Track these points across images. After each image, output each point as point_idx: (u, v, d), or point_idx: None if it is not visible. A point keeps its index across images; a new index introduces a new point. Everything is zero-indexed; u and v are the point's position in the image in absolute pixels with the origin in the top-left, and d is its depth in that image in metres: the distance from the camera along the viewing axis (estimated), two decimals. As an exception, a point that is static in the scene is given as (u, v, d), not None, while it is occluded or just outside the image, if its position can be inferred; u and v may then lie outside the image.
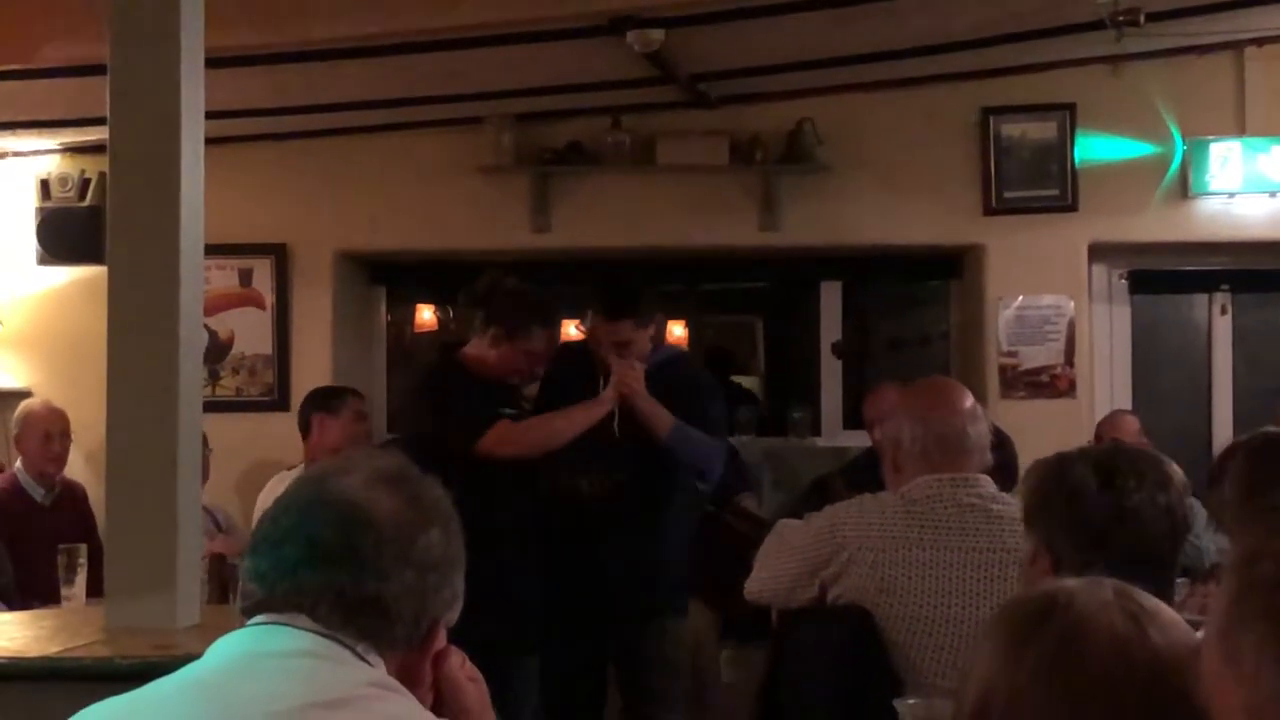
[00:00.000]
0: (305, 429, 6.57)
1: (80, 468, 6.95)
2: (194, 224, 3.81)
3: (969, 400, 3.88)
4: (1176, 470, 2.88)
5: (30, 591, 5.54)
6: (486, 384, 5.24)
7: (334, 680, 1.89)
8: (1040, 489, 2.83)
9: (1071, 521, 2.75)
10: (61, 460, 6.67)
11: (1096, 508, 2.75)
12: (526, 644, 5.18)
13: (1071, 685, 1.62)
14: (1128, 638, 1.64)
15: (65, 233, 7.35)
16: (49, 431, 6.61)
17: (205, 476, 6.09)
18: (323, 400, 6.66)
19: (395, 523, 2.00)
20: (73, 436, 6.72)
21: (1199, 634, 1.66)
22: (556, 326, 5.61)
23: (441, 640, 2.07)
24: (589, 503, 5.39)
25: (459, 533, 2.10)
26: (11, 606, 4.94)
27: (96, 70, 4.21)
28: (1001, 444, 5.17)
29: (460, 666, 2.11)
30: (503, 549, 4.89)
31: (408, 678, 1.99)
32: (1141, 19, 5.83)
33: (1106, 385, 7.51)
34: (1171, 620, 1.69)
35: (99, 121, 4.05)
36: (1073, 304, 7.26)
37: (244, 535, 6.33)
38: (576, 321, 7.74)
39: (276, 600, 1.98)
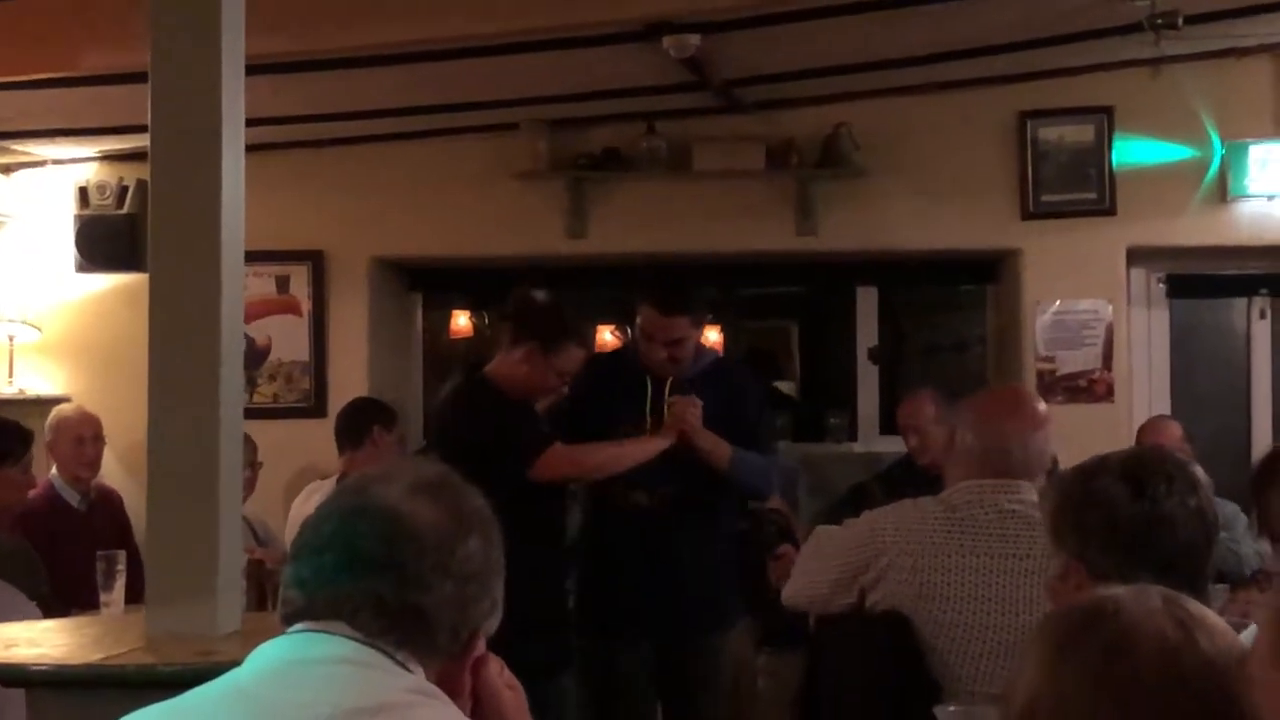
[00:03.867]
0: (359, 438, 6.58)
1: (116, 473, 6.98)
2: (235, 231, 3.82)
3: (1032, 413, 3.83)
4: (1201, 472, 2.86)
5: (68, 597, 5.55)
6: (516, 403, 5.14)
7: (374, 687, 1.90)
8: (1067, 504, 2.79)
9: (1106, 534, 2.71)
10: (95, 464, 6.71)
11: (1130, 518, 2.72)
12: (563, 662, 5.17)
13: (1120, 693, 1.61)
14: (1177, 645, 1.63)
15: (103, 240, 7.38)
16: (81, 435, 6.65)
17: (251, 490, 6.12)
18: (382, 413, 6.71)
19: (436, 533, 2.00)
20: (106, 441, 6.75)
21: (1244, 637, 1.65)
22: (590, 344, 5.50)
23: (480, 648, 2.07)
24: (646, 515, 5.34)
25: (499, 541, 2.10)
26: (50, 613, 4.96)
27: (135, 78, 4.23)
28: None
29: (499, 674, 2.11)
30: (541, 569, 4.93)
31: (447, 686, 2.00)
32: (1180, 22, 5.80)
33: (1145, 390, 7.48)
34: (1220, 627, 1.68)
35: (137, 129, 4.06)
36: (1111, 308, 7.23)
37: (281, 544, 6.35)
38: (612, 327, 7.77)
39: (317, 608, 1.98)
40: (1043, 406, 3.93)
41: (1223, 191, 7.12)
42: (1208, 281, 7.64)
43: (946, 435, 3.95)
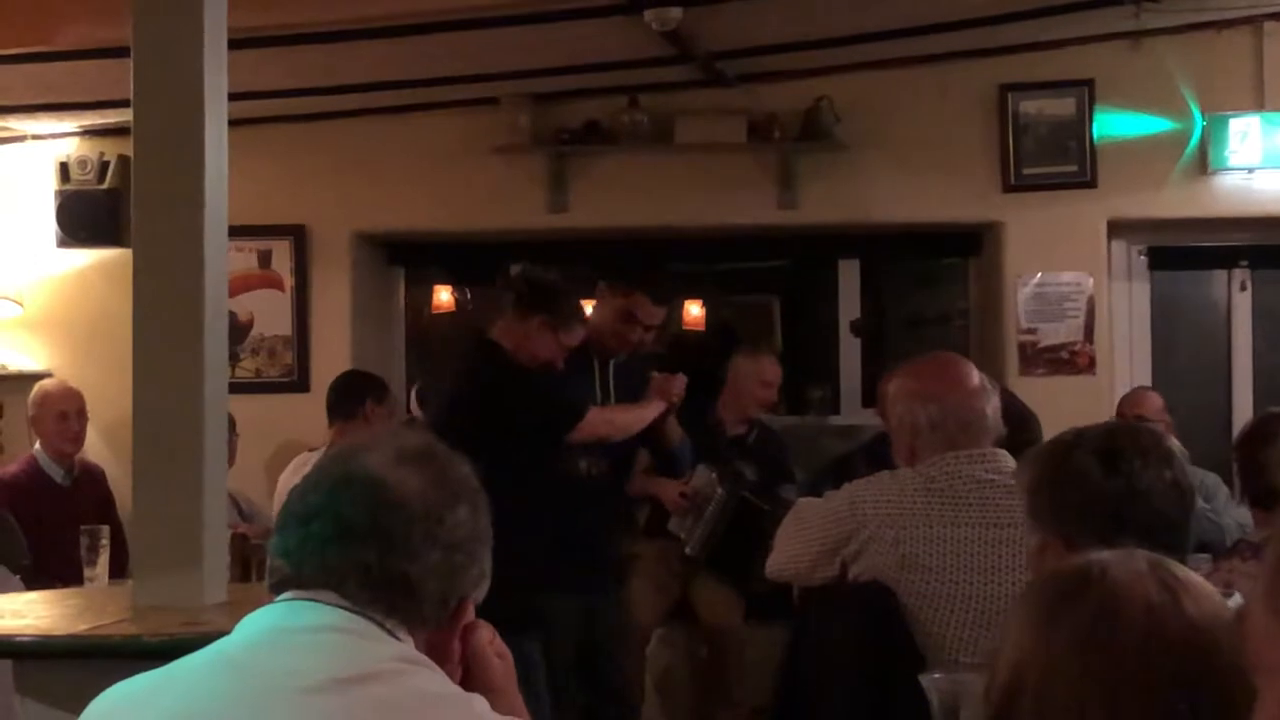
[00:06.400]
0: (351, 410, 6.57)
1: (100, 448, 6.98)
2: (218, 205, 3.82)
3: (977, 376, 3.87)
4: (1175, 443, 2.88)
5: (52, 572, 5.56)
6: (542, 370, 5.41)
7: (362, 655, 1.90)
8: (1041, 481, 2.80)
9: (1082, 510, 2.71)
10: (79, 439, 6.70)
11: (1106, 493, 2.72)
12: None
13: (1106, 657, 1.61)
14: (1162, 609, 1.64)
15: (85, 215, 7.36)
16: (65, 411, 6.65)
17: (231, 461, 6.12)
18: (375, 387, 6.71)
19: (423, 501, 2.00)
20: (89, 416, 6.75)
21: (1232, 603, 1.66)
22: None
23: (470, 616, 2.07)
24: (585, 481, 5.63)
25: (486, 509, 2.10)
26: (33, 588, 4.96)
27: (116, 52, 4.22)
28: (1025, 423, 5.15)
29: (489, 642, 2.11)
30: (537, 530, 5.16)
31: (436, 654, 2.00)
32: (1160, -6, 5.82)
33: (1126, 362, 7.50)
34: (1206, 591, 1.69)
35: (118, 104, 4.06)
36: (1092, 281, 7.25)
37: (266, 518, 6.36)
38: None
39: (304, 577, 1.98)
40: (973, 368, 3.94)
41: (1203, 164, 7.13)
42: (1188, 254, 7.67)
43: (906, 421, 3.92)
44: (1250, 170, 7.12)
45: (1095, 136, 7.17)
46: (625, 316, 5.68)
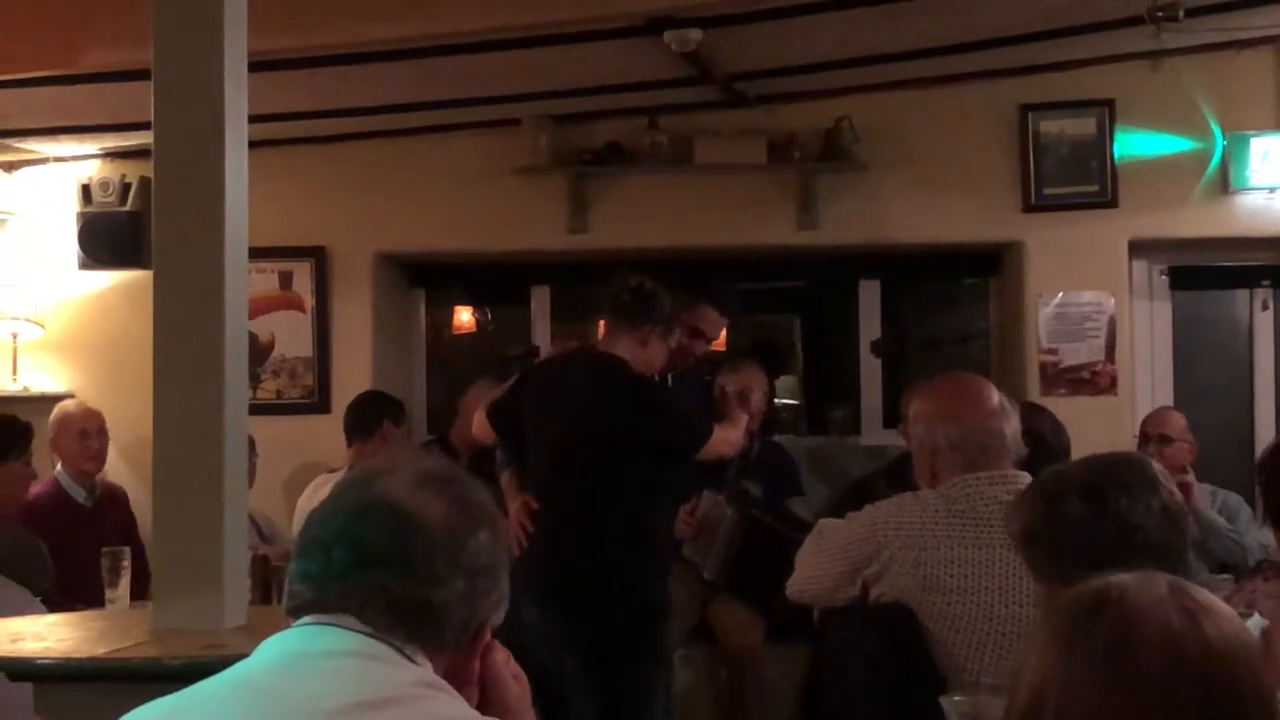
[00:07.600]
0: (369, 430, 6.59)
1: (121, 469, 6.99)
2: (238, 227, 3.82)
3: (996, 396, 3.87)
4: (1155, 465, 2.89)
5: (73, 593, 5.56)
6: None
7: (382, 680, 1.90)
8: (1035, 534, 2.80)
9: (1080, 556, 2.70)
10: (100, 458, 6.72)
11: (1101, 538, 2.72)
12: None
13: (1126, 680, 1.61)
14: (1182, 632, 1.63)
15: (106, 237, 7.36)
16: (85, 429, 6.67)
17: (251, 482, 6.14)
18: (393, 407, 6.73)
19: (446, 527, 2.00)
20: (111, 437, 6.76)
21: (1252, 623, 1.66)
22: None
23: (487, 639, 2.07)
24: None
25: (504, 533, 2.10)
26: (55, 609, 4.97)
27: (137, 75, 4.24)
28: (1044, 446, 5.14)
29: (505, 664, 2.11)
30: (668, 556, 5.29)
31: (454, 678, 2.00)
32: (1180, 14, 5.80)
33: (1148, 382, 7.48)
34: (1226, 614, 1.68)
35: (139, 126, 4.08)
36: (1113, 300, 7.23)
37: (286, 540, 6.37)
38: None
39: (325, 602, 1.99)
40: (992, 388, 3.93)
41: (1224, 183, 7.12)
42: (1210, 273, 7.64)
43: (926, 442, 3.92)
44: (1271, 190, 7.09)
45: (1116, 156, 7.16)
46: (690, 330, 5.58)
